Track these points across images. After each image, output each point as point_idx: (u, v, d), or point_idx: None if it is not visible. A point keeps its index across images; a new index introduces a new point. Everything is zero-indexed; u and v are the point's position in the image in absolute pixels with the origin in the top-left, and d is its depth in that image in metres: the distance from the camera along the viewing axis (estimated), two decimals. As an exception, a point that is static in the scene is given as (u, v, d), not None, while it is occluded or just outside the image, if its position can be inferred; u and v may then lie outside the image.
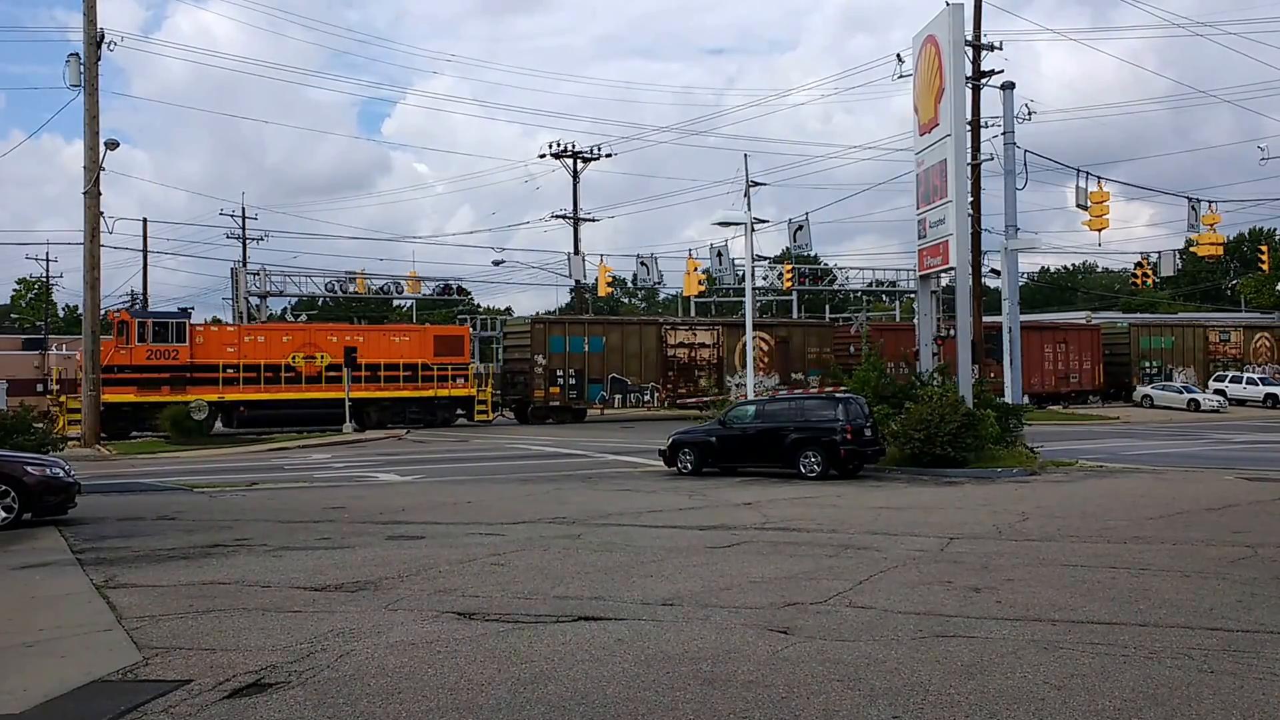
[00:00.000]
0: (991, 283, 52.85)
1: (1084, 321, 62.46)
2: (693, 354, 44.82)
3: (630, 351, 43.45)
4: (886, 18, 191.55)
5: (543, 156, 56.26)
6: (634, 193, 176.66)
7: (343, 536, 13.16)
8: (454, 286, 53.96)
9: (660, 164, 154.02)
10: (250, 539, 13.03)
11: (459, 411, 40.61)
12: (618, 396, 42.90)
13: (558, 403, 42.08)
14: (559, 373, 42.00)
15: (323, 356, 37.64)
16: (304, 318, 50.41)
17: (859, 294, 65.69)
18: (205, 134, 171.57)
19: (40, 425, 23.58)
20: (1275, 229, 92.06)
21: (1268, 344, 60.33)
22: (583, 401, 42.61)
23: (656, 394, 43.72)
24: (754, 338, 43.19)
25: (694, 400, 42.87)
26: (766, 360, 45.16)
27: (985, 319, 40.86)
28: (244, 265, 54.30)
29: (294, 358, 37.26)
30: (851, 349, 46.68)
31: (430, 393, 39.19)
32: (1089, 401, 53.55)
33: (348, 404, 36.66)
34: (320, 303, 60.06)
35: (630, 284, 70.00)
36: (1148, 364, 55.75)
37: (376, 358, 38.30)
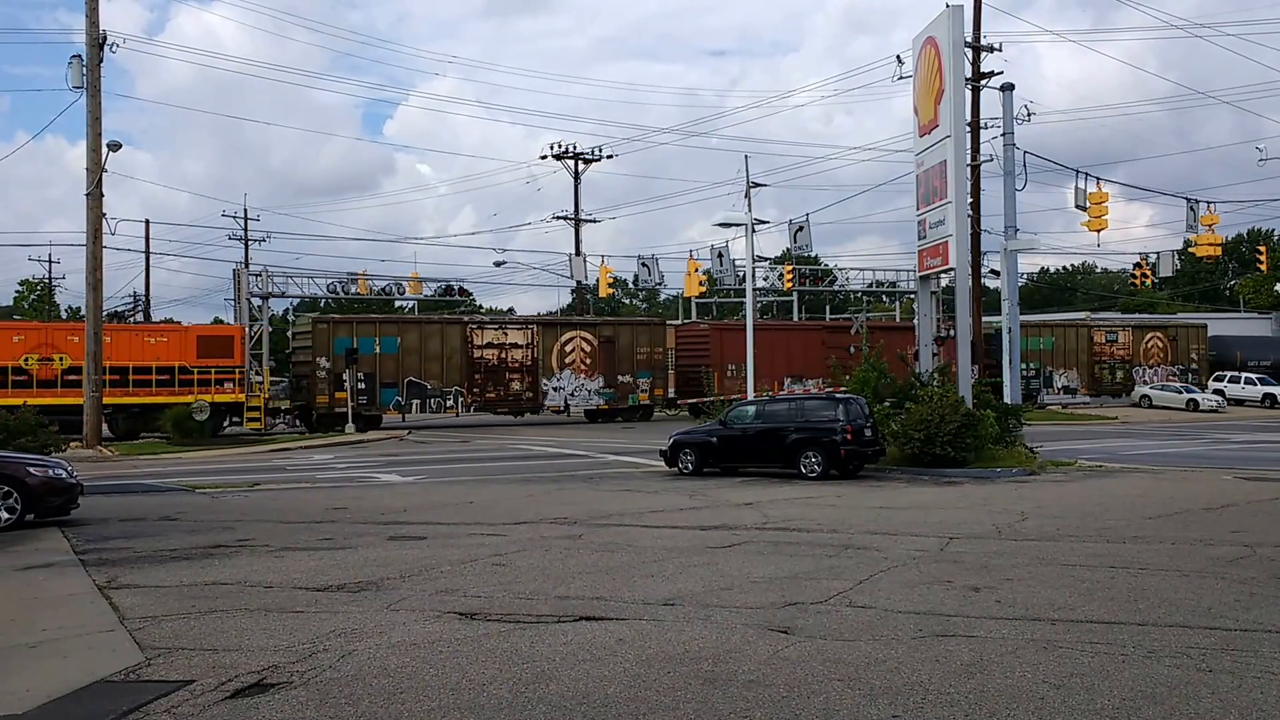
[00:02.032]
0: (991, 283, 52.77)
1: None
2: (503, 355, 41.52)
3: (430, 353, 40.01)
4: (888, 19, 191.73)
5: (544, 158, 56.31)
6: (636, 194, 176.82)
7: (345, 537, 13.20)
8: (455, 287, 53.96)
9: (662, 165, 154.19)
10: (252, 539, 13.07)
11: (232, 419, 37.09)
12: (415, 402, 39.47)
13: (344, 409, 37.95)
14: (345, 376, 38.38)
15: (62, 358, 33.90)
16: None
17: (859, 295, 65.64)
18: (208, 135, 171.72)
19: (42, 426, 23.62)
20: (1274, 229, 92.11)
21: (1160, 344, 56.71)
22: (374, 407, 38.97)
23: (461, 398, 40.45)
24: (575, 337, 42.46)
25: (505, 407, 41.12)
26: (589, 362, 42.68)
27: (985, 319, 40.88)
28: (246, 266, 54.33)
29: (26, 359, 33.64)
30: (851, 349, 46.59)
31: (191, 398, 35.27)
32: None
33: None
34: (322, 304, 60.06)
35: (631, 285, 70.04)
36: (1025, 366, 52.07)
37: (126, 360, 34.84)
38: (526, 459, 26.71)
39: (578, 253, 53.74)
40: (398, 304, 54.57)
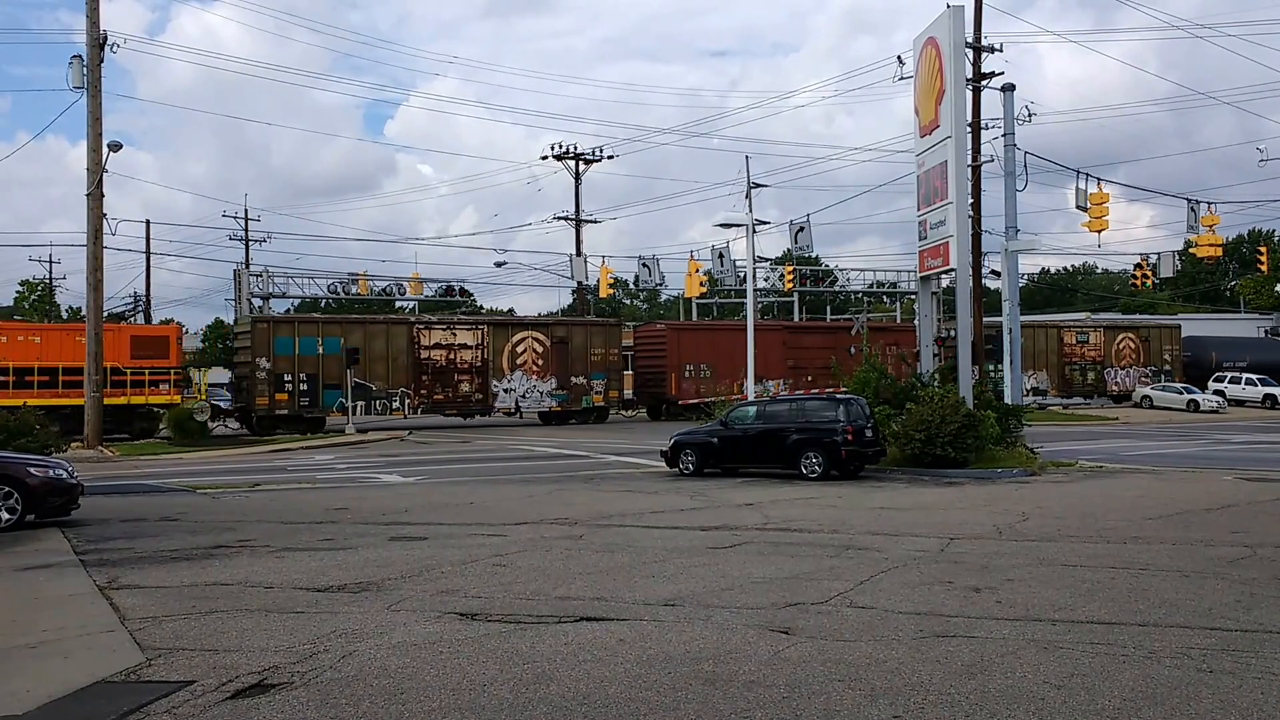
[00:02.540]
0: (992, 284, 52.68)
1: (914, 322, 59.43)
2: (452, 356, 40.46)
3: (375, 354, 39.01)
4: (889, 19, 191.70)
5: (545, 158, 56.27)
6: (636, 194, 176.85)
7: (345, 537, 13.20)
8: (456, 288, 54.03)
9: (663, 166, 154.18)
10: (253, 540, 13.07)
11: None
12: (360, 403, 38.33)
13: (285, 411, 37.21)
14: (287, 378, 37.20)
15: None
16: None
17: (860, 295, 65.63)
18: (210, 136, 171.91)
19: (43, 427, 23.62)
20: (1274, 230, 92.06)
21: (1132, 345, 55.81)
22: (317, 409, 37.85)
23: (408, 400, 39.43)
24: (527, 338, 41.64)
25: (454, 409, 40.03)
26: (541, 363, 41.73)
27: (985, 319, 40.80)
28: (246, 267, 54.38)
29: None
30: (852, 350, 46.43)
31: (124, 399, 34.37)
32: None
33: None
34: (323, 304, 60.15)
35: (632, 285, 70.07)
36: (993, 367, 51.20)
37: (57, 360, 33.85)
38: (527, 459, 26.71)
39: (578, 253, 53.77)
40: (398, 304, 54.65)
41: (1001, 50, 34.17)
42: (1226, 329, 67.82)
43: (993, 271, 43.27)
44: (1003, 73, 34.62)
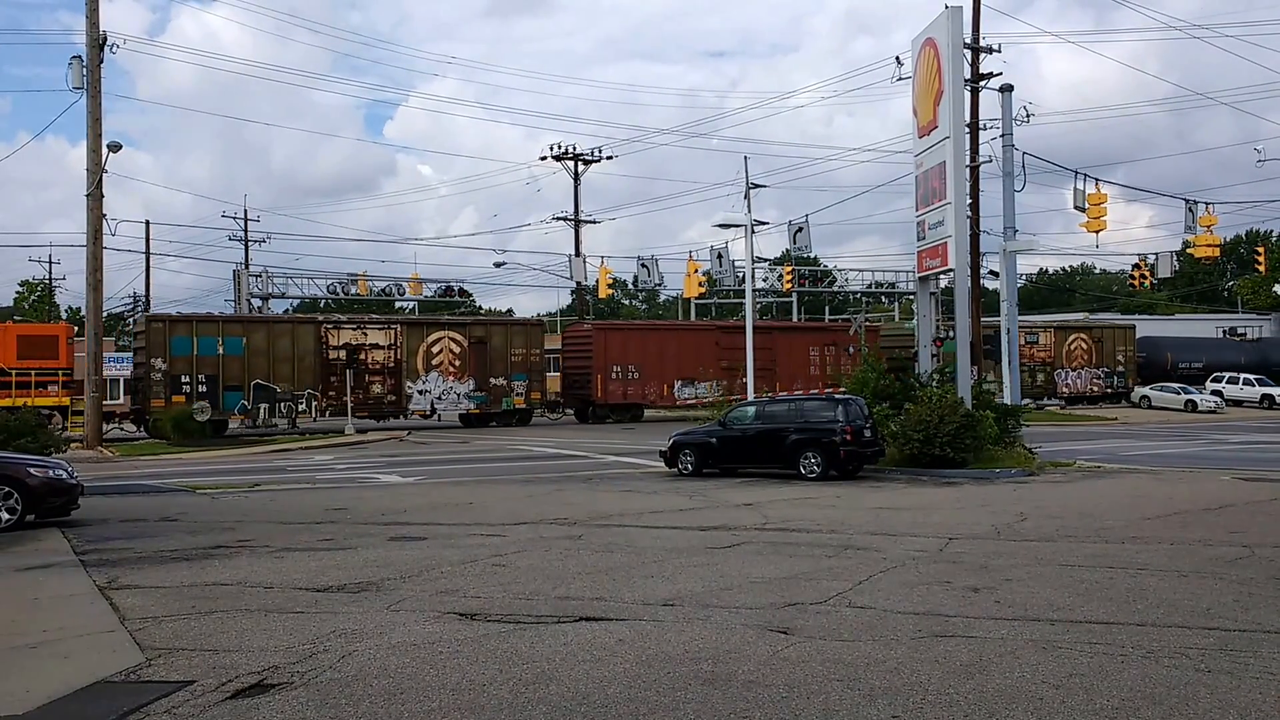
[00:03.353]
0: (990, 284, 52.55)
1: (878, 323, 56.07)
2: (362, 357, 38.99)
3: (280, 354, 37.23)
4: (888, 20, 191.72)
5: (544, 159, 56.37)
6: (636, 195, 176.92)
7: (345, 538, 13.21)
8: (455, 288, 54.09)
9: (662, 166, 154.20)
10: (252, 540, 13.08)
11: (63, 424, 34.25)
12: (263, 406, 36.63)
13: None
14: (184, 379, 35.81)
15: None
16: None
17: (858, 295, 65.69)
18: (210, 136, 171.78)
19: (42, 427, 23.63)
20: (1272, 231, 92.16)
21: (1084, 346, 54.37)
22: (217, 411, 36.21)
23: (315, 402, 37.78)
24: (443, 338, 40.17)
25: (364, 411, 38.63)
26: (458, 364, 40.29)
27: (983, 319, 40.79)
28: (246, 267, 54.40)
29: None
30: (850, 350, 46.31)
31: (8, 401, 32.39)
32: None
33: (343, 405, 36.61)
34: (322, 304, 60.18)
35: (631, 286, 70.11)
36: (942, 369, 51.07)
37: None
38: (526, 460, 26.73)
39: (577, 253, 53.82)
40: (398, 304, 54.67)
41: (1000, 51, 34.18)
42: (1192, 329, 66.94)
43: (991, 272, 43.31)
44: (1001, 73, 34.64)
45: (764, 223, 54.43)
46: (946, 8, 24.19)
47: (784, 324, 54.35)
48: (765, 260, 63.25)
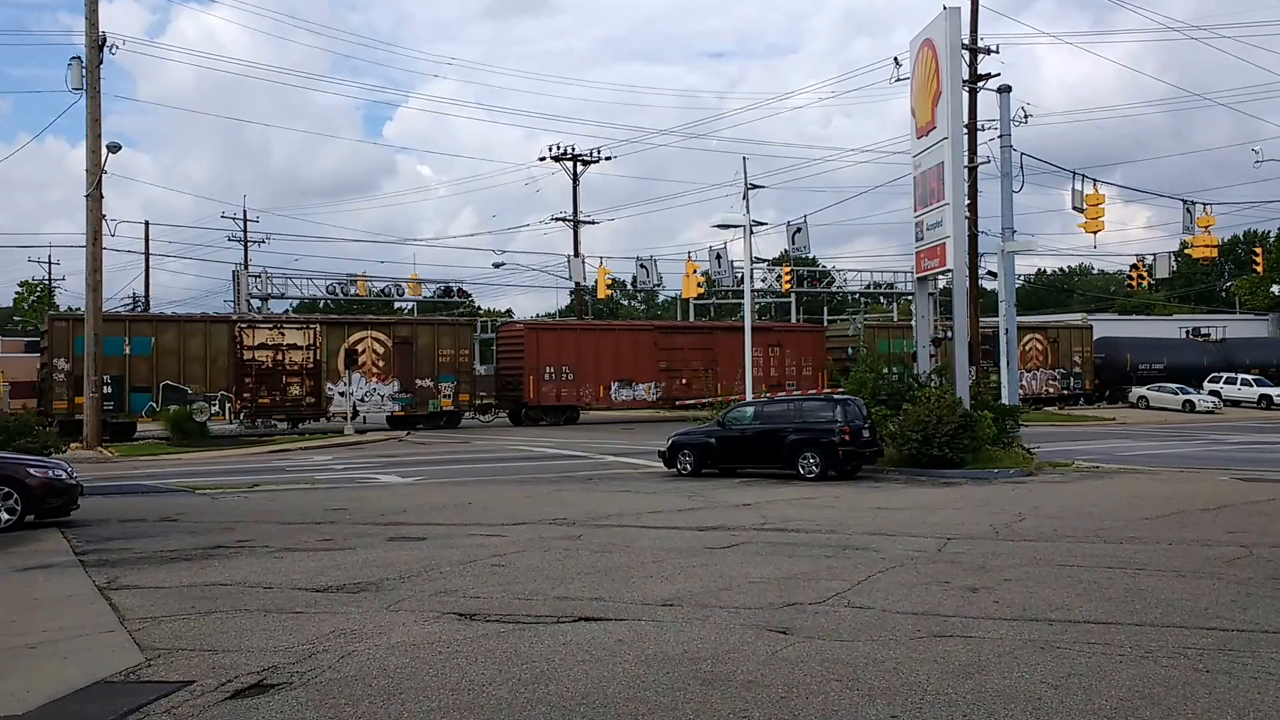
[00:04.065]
0: (989, 285, 52.48)
1: (806, 323, 54.60)
2: (280, 357, 37.48)
3: (192, 354, 35.98)
4: (887, 21, 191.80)
5: (543, 159, 56.42)
6: (635, 195, 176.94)
7: (344, 538, 13.22)
8: (455, 288, 54.12)
9: (661, 166, 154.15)
10: (252, 540, 13.09)
11: None
12: (172, 408, 34.94)
13: (83, 414, 32.87)
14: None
15: None
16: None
17: (857, 296, 65.72)
18: (209, 137, 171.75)
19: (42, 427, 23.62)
20: (1269, 231, 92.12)
21: (1040, 346, 52.89)
22: (123, 414, 35.02)
23: (228, 404, 36.59)
24: (366, 338, 38.85)
25: (282, 413, 37.81)
26: (382, 364, 39.00)
27: (982, 320, 40.76)
28: (245, 268, 54.39)
29: None
30: (849, 350, 46.22)
31: None
32: None
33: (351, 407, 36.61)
34: (321, 305, 60.17)
35: (630, 286, 70.11)
36: (885, 369, 48.89)
37: None
38: (525, 460, 26.74)
39: (576, 254, 53.83)
40: (397, 305, 54.67)
41: (998, 52, 34.24)
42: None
43: (989, 272, 43.33)
44: (999, 74, 34.69)
45: (762, 223, 54.32)
46: (944, 8, 24.22)
47: (726, 324, 53.21)
48: (764, 261, 63.34)
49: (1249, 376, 54.09)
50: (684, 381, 43.53)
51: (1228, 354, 58.57)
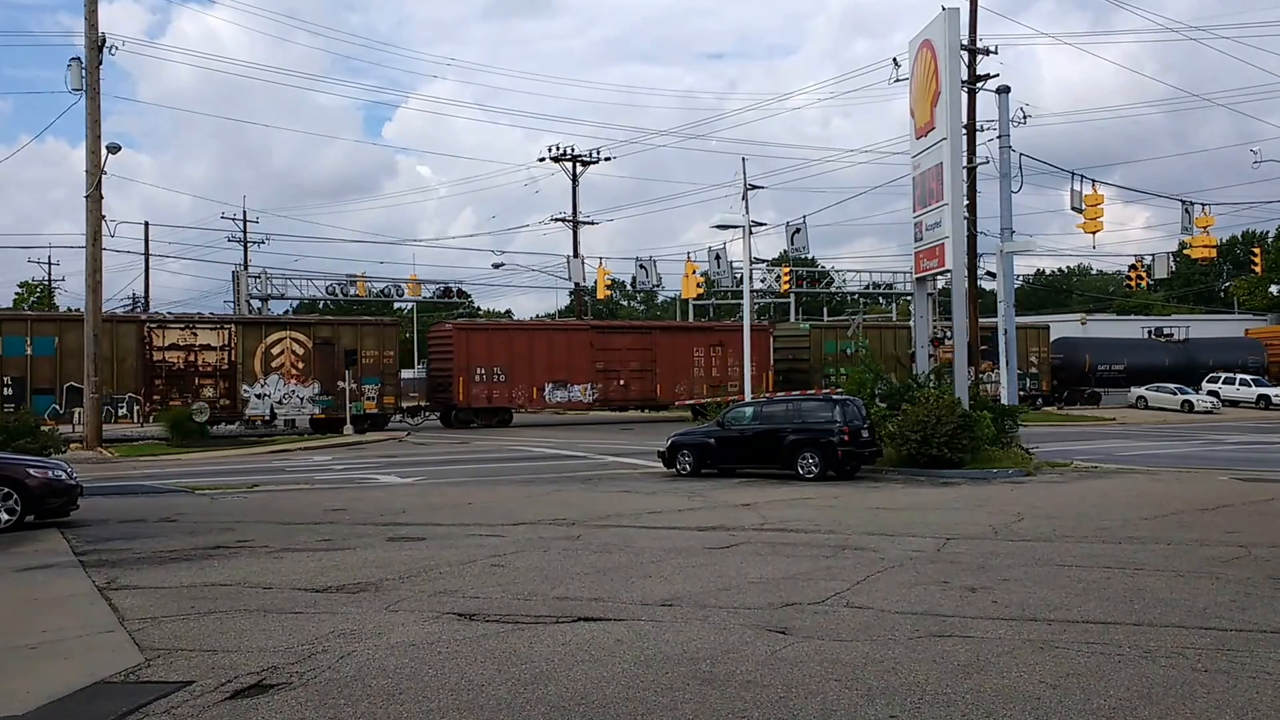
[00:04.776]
0: (987, 285, 52.43)
1: (767, 324, 51.84)
2: (192, 358, 36.26)
3: (98, 355, 33.14)
4: (887, 22, 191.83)
5: (542, 160, 56.46)
6: (635, 196, 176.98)
7: (344, 538, 13.22)
8: (454, 289, 54.13)
9: (661, 167, 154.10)
10: (251, 541, 13.09)
11: None
12: (77, 410, 33.50)
13: None
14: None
15: None
16: None
17: (856, 296, 65.76)
18: (210, 138, 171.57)
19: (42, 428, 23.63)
20: (1268, 232, 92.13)
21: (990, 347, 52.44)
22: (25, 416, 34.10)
23: (136, 406, 35.40)
24: (284, 339, 37.56)
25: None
26: (301, 366, 37.70)
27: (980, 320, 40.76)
28: (245, 268, 54.40)
29: None
30: (848, 350, 46.18)
31: None
32: None
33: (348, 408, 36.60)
34: (321, 305, 60.20)
35: (629, 286, 70.14)
36: (832, 372, 45.77)
37: None
38: (525, 460, 26.75)
39: (575, 254, 53.85)
40: (396, 305, 54.68)
41: (997, 53, 34.29)
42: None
43: (988, 273, 43.37)
44: (998, 75, 34.73)
45: (762, 224, 54.21)
46: (943, 9, 24.25)
47: (666, 324, 52.45)
48: (763, 261, 63.33)
49: (1247, 376, 54.08)
50: (622, 383, 42.84)
51: (1190, 354, 57.38)
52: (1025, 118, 34.23)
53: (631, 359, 43.00)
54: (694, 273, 48.39)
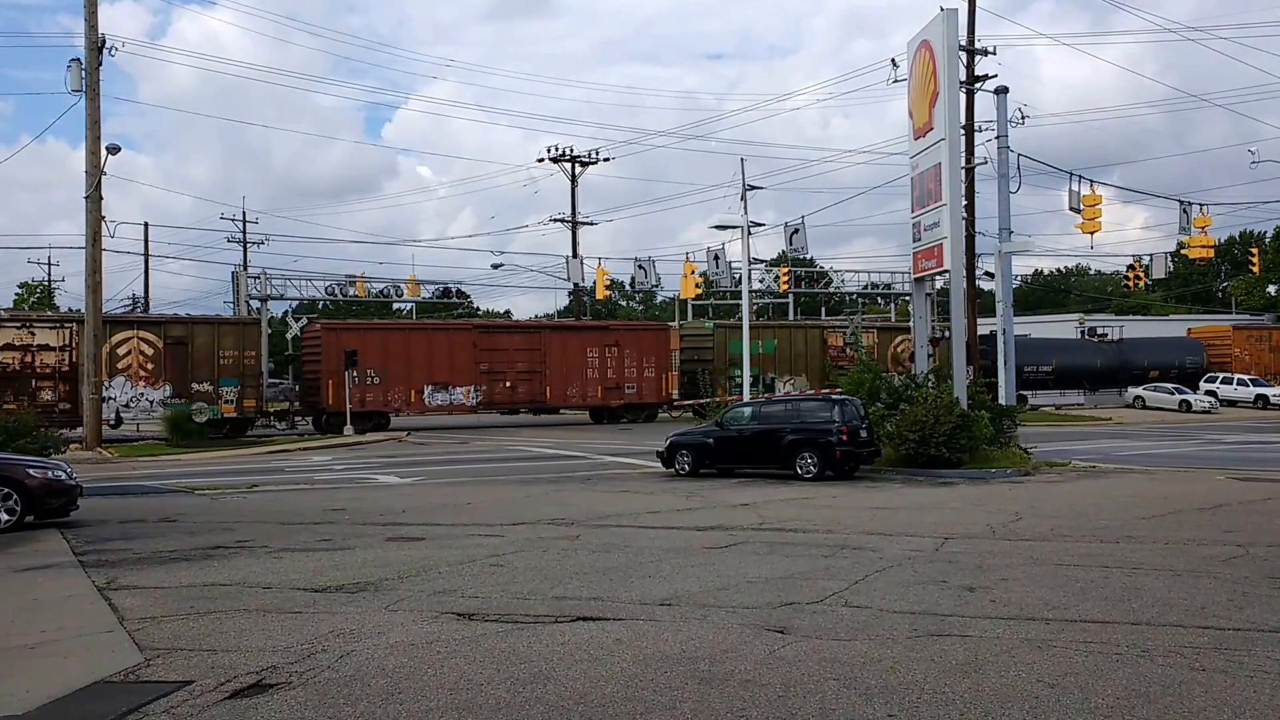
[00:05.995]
0: (986, 285, 52.39)
1: (669, 323, 50.78)
2: (29, 359, 33.62)
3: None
4: (886, 22, 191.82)
5: (541, 160, 56.43)
6: (634, 196, 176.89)
7: (343, 538, 13.23)
8: (453, 289, 54.10)
9: (660, 168, 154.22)
10: (251, 541, 13.10)
11: None
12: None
13: None
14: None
15: None
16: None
17: (854, 296, 65.76)
18: (210, 139, 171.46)
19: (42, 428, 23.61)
20: (1266, 232, 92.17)
21: (908, 349, 47.75)
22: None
23: None
24: (132, 338, 35.35)
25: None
26: (151, 367, 35.41)
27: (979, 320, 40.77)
28: (245, 269, 54.37)
29: None
30: (847, 350, 46.18)
31: None
32: (658, 417, 43.73)
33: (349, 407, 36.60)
34: (320, 306, 60.19)
35: (628, 287, 70.14)
36: (737, 372, 40.41)
37: None
38: (524, 460, 26.76)
39: (574, 255, 53.84)
40: (396, 306, 54.66)
41: (995, 53, 34.29)
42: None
43: (986, 273, 43.38)
44: (997, 75, 34.78)
45: (760, 224, 54.19)
46: (942, 10, 24.26)
47: (557, 324, 50.27)
48: (762, 261, 63.35)
49: (1245, 377, 54.07)
50: (508, 384, 41.17)
51: (1124, 355, 54.85)
52: (1024, 118, 34.27)
53: (519, 360, 41.32)
54: (693, 273, 48.40)
